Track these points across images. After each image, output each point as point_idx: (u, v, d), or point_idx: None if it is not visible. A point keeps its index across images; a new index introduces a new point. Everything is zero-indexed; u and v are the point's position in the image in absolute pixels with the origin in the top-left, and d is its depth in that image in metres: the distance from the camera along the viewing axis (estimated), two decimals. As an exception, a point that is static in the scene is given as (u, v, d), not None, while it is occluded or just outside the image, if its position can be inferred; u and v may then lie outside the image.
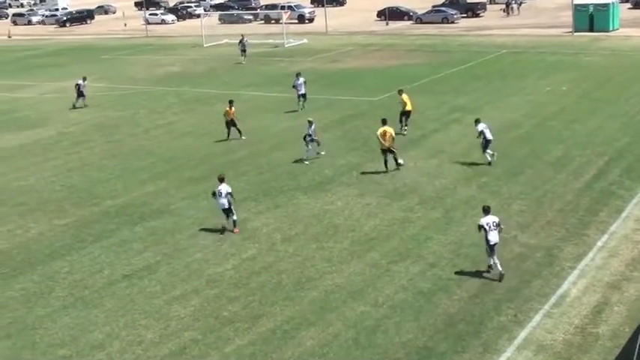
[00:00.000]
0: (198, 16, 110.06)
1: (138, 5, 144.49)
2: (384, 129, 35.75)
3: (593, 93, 51.63)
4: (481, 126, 36.14)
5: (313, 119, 39.05)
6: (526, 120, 44.74)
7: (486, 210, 25.06)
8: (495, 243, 24.59)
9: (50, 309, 24.54)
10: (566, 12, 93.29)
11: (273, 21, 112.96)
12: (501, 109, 47.79)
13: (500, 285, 24.17)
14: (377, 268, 25.98)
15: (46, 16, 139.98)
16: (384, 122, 36.12)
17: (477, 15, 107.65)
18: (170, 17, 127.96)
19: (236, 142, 42.86)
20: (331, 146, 40.35)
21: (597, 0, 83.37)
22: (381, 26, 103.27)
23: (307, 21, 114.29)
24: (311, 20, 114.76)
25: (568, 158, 36.87)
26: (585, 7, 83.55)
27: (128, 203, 34.15)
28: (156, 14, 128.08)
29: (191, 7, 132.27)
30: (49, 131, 49.43)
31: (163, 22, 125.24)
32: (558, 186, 33.16)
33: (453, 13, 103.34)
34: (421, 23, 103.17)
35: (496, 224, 24.69)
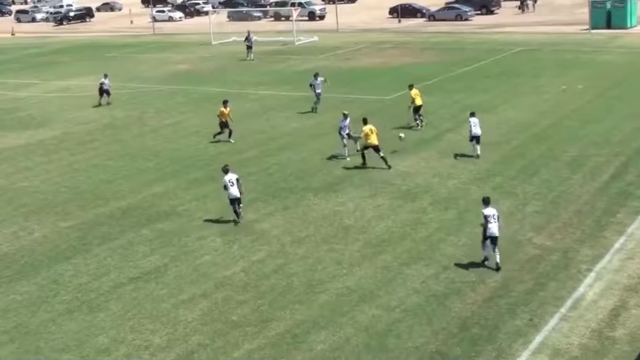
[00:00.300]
0: (206, 14, 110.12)
1: (145, 2, 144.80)
2: (370, 127, 36.55)
3: (610, 92, 51.52)
4: (473, 120, 37.61)
5: (349, 112, 39.40)
6: (541, 119, 44.67)
7: (486, 201, 25.75)
8: (495, 236, 25.24)
9: (55, 313, 24.56)
10: (582, 9, 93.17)
11: (282, 18, 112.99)
12: (516, 108, 47.74)
13: (515, 288, 24.14)
14: (389, 271, 25.97)
15: (51, 13, 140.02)
16: (365, 122, 36.97)
17: (492, 12, 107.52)
18: (178, 14, 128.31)
19: (244, 144, 42.87)
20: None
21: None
22: (394, 23, 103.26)
23: (318, 18, 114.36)
24: (322, 17, 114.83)
25: (584, 158, 36.79)
26: (602, 4, 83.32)
27: (134, 205, 34.19)
28: (163, 11, 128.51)
29: (199, 5, 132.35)
30: (54, 131, 49.52)
31: (171, 20, 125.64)
32: (574, 186, 33.09)
33: (467, 10, 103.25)
34: (434, 20, 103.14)
35: (497, 217, 25.37)
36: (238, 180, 30.74)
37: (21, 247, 30.11)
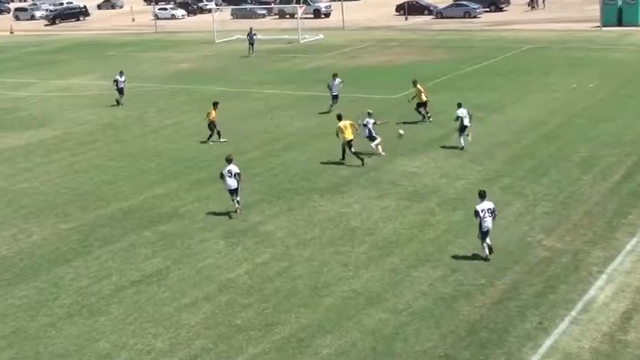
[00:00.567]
0: (209, 11, 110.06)
1: (147, 0, 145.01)
2: (344, 123, 37.59)
3: (621, 90, 51.49)
4: (461, 111, 38.86)
5: (373, 111, 39.90)
6: (551, 118, 44.65)
7: (482, 195, 26.34)
8: (488, 229, 25.93)
9: (54, 317, 24.55)
10: (593, 5, 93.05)
11: (287, 16, 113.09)
12: (526, 107, 47.73)
13: (524, 291, 24.12)
14: (396, 274, 25.96)
15: (50, 11, 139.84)
16: (340, 118, 38.11)
17: (501, 9, 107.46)
18: (180, 12, 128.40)
19: (248, 144, 42.90)
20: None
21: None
22: (400, 21, 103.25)
23: (323, 16, 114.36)
24: (327, 15, 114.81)
25: (595, 158, 36.76)
26: (613, 1, 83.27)
27: (136, 206, 34.22)
28: (165, 9, 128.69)
29: (202, 2, 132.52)
30: (54, 131, 49.59)
31: (173, 17, 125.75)
32: (585, 187, 33.07)
33: (476, 7, 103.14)
34: (442, 18, 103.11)
35: (491, 211, 25.99)
36: (238, 174, 31.51)
37: (20, 250, 30.12)
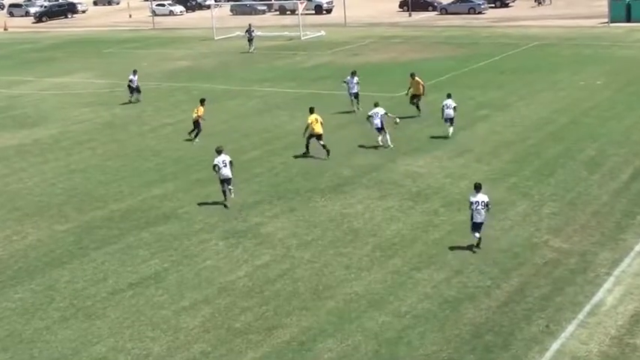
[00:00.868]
0: (208, 7, 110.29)
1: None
2: (315, 116, 38.70)
3: (629, 88, 51.48)
4: (448, 102, 41.36)
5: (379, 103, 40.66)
6: (558, 116, 44.65)
7: (477, 187, 26.93)
8: (481, 222, 26.68)
9: (50, 320, 24.53)
10: (601, 1, 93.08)
11: (288, 12, 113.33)
12: (532, 105, 47.74)
13: (530, 293, 24.11)
14: (399, 276, 25.95)
15: (46, 7, 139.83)
16: (312, 111, 39.06)
17: (506, 5, 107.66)
18: (178, 8, 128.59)
19: (248, 143, 42.90)
20: (350, 145, 40.43)
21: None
22: (404, 17, 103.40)
23: (325, 12, 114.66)
24: (329, 11, 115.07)
25: (603, 157, 36.77)
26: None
27: (133, 207, 34.21)
28: (163, 5, 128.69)
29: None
30: (49, 130, 49.59)
31: (171, 14, 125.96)
32: (593, 187, 33.06)
33: (481, 3, 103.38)
34: (446, 14, 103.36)
35: (484, 204, 26.58)
36: (231, 162, 33.11)
37: (14, 252, 30.08)
